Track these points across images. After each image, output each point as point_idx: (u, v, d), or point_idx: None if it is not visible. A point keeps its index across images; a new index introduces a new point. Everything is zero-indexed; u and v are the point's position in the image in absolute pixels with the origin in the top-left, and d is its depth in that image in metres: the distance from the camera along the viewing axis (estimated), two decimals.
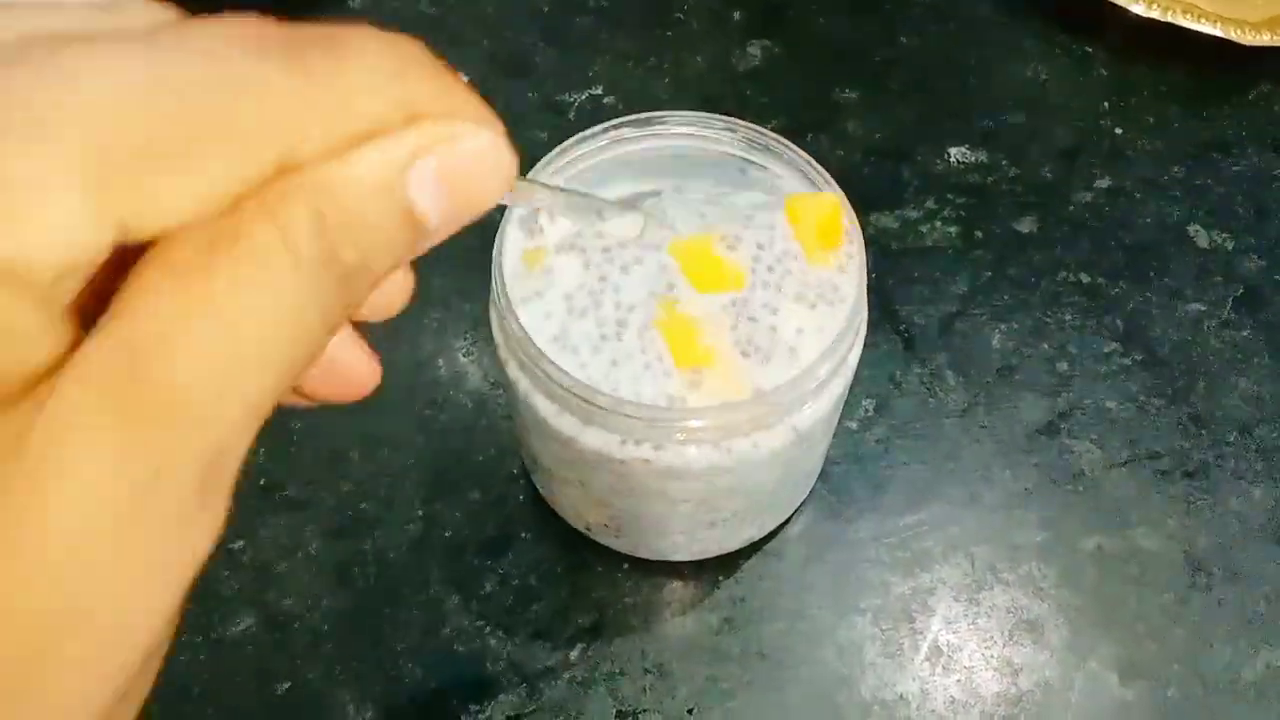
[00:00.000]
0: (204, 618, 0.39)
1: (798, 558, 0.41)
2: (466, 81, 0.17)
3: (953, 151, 0.51)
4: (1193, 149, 0.52)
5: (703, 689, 0.38)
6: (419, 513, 0.41)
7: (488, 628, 0.39)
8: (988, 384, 0.45)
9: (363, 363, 0.20)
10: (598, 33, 0.55)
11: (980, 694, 0.38)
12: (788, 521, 0.41)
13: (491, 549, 0.41)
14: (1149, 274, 0.48)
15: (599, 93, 0.52)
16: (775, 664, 0.39)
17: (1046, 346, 0.46)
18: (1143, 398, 0.45)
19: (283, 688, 0.38)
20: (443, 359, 0.45)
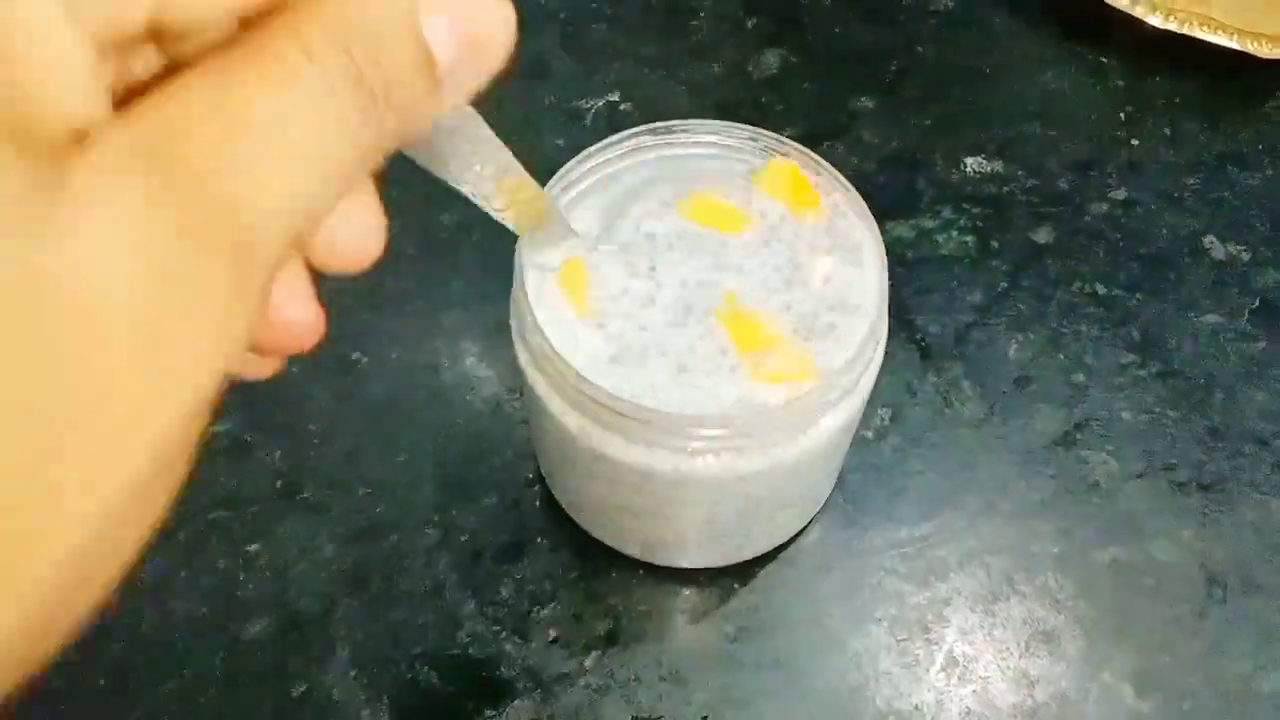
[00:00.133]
0: (220, 619, 0.39)
1: (813, 566, 0.41)
2: None
3: (968, 161, 0.51)
4: (1209, 161, 0.52)
5: (718, 697, 0.38)
6: (435, 517, 0.41)
7: (503, 633, 0.39)
8: (1004, 394, 0.45)
9: (309, 312, 0.20)
10: (614, 40, 0.55)
11: (996, 705, 0.38)
12: (803, 530, 0.41)
13: (507, 554, 0.41)
14: (1165, 286, 0.48)
15: (616, 99, 0.52)
16: (790, 673, 0.39)
17: (1062, 357, 0.46)
18: (1159, 409, 0.45)
19: (298, 690, 0.38)
20: (459, 363, 0.45)
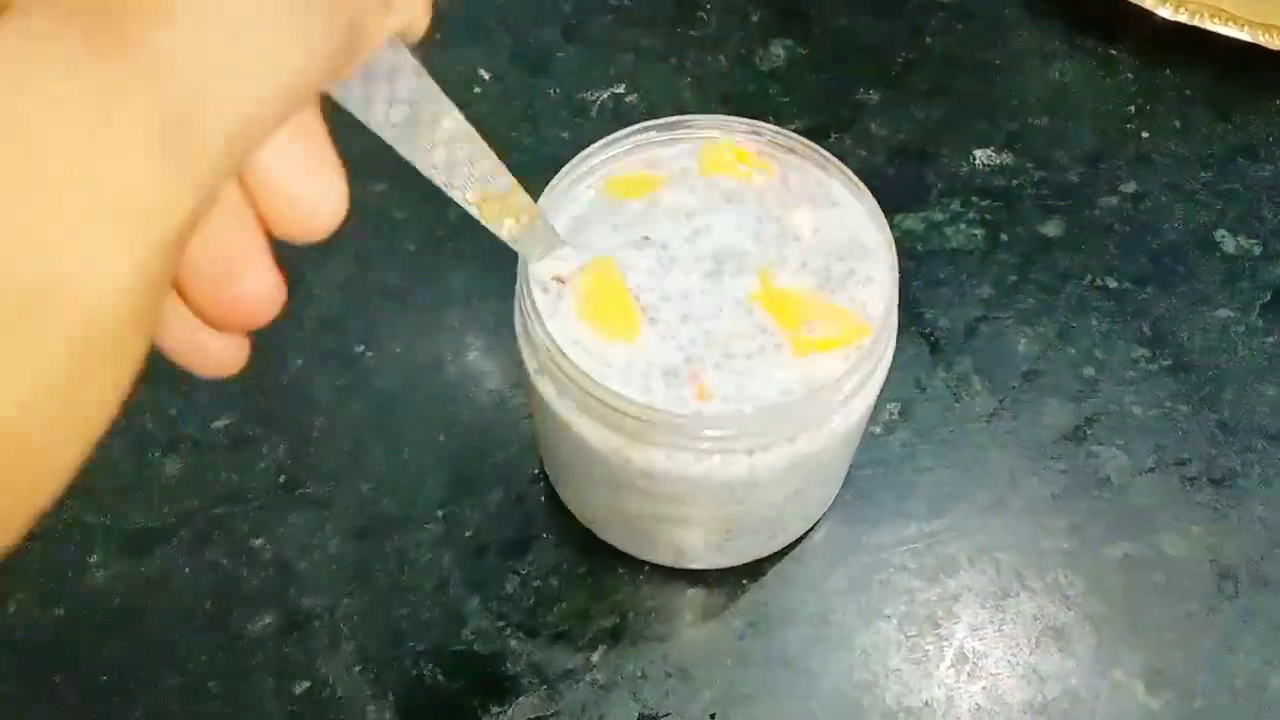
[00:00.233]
0: (222, 615, 0.39)
1: (822, 563, 0.40)
2: None
3: (977, 154, 0.51)
4: (1219, 153, 0.51)
5: (725, 694, 0.38)
6: (439, 512, 0.41)
7: (508, 629, 0.39)
8: (1013, 389, 0.44)
9: (265, 281, 0.19)
10: (620, 31, 0.54)
11: (1006, 702, 0.38)
12: (812, 526, 0.41)
13: (512, 550, 0.40)
14: (1176, 279, 0.47)
15: (621, 91, 0.52)
16: (799, 670, 0.38)
17: (1073, 351, 0.45)
18: (1170, 404, 0.44)
19: (301, 687, 0.38)
20: (463, 357, 0.44)
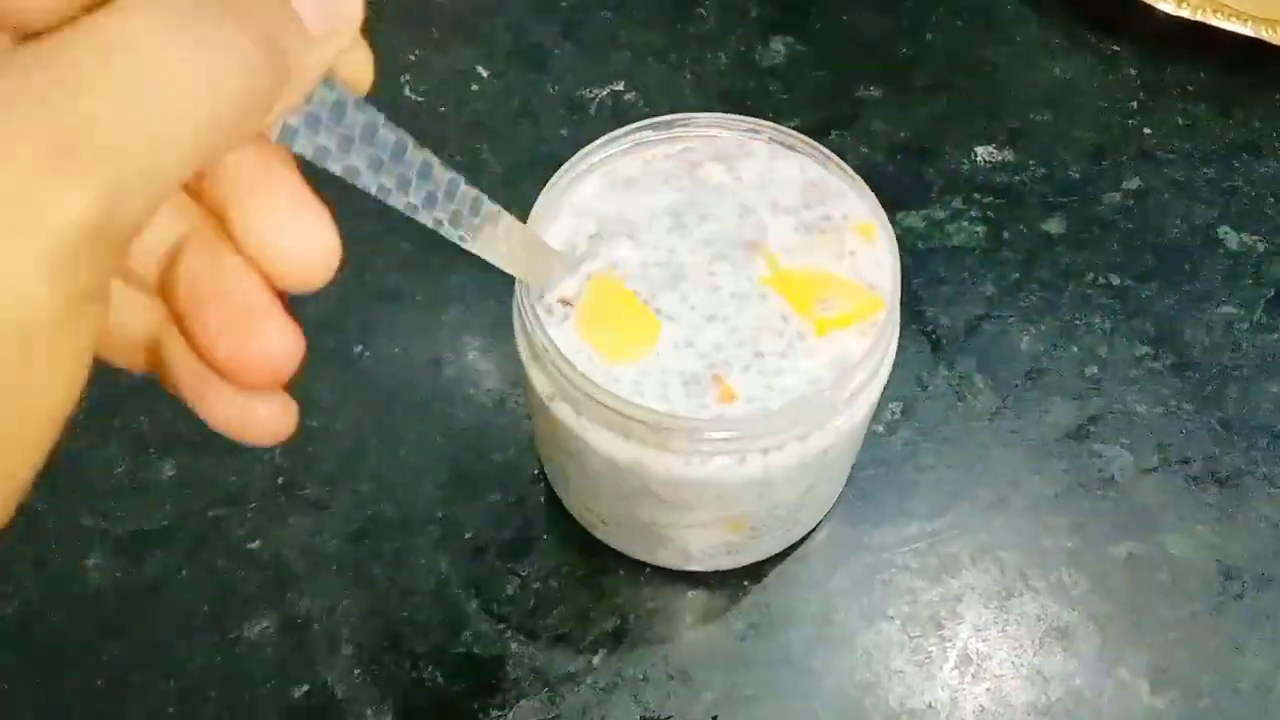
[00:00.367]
0: (220, 618, 0.38)
1: (824, 563, 0.40)
2: None
3: (979, 151, 0.50)
4: (1223, 150, 0.51)
5: (727, 696, 0.38)
6: (438, 514, 0.41)
7: (509, 631, 0.38)
8: (1016, 387, 0.44)
9: (285, 336, 0.19)
10: (618, 28, 0.54)
11: (1010, 703, 0.38)
12: (814, 526, 0.40)
13: (512, 551, 0.40)
14: (1179, 277, 0.47)
15: (620, 89, 0.52)
16: (801, 671, 0.38)
17: (1076, 349, 0.45)
18: (1173, 402, 0.44)
19: (300, 691, 0.37)
20: (462, 357, 0.44)
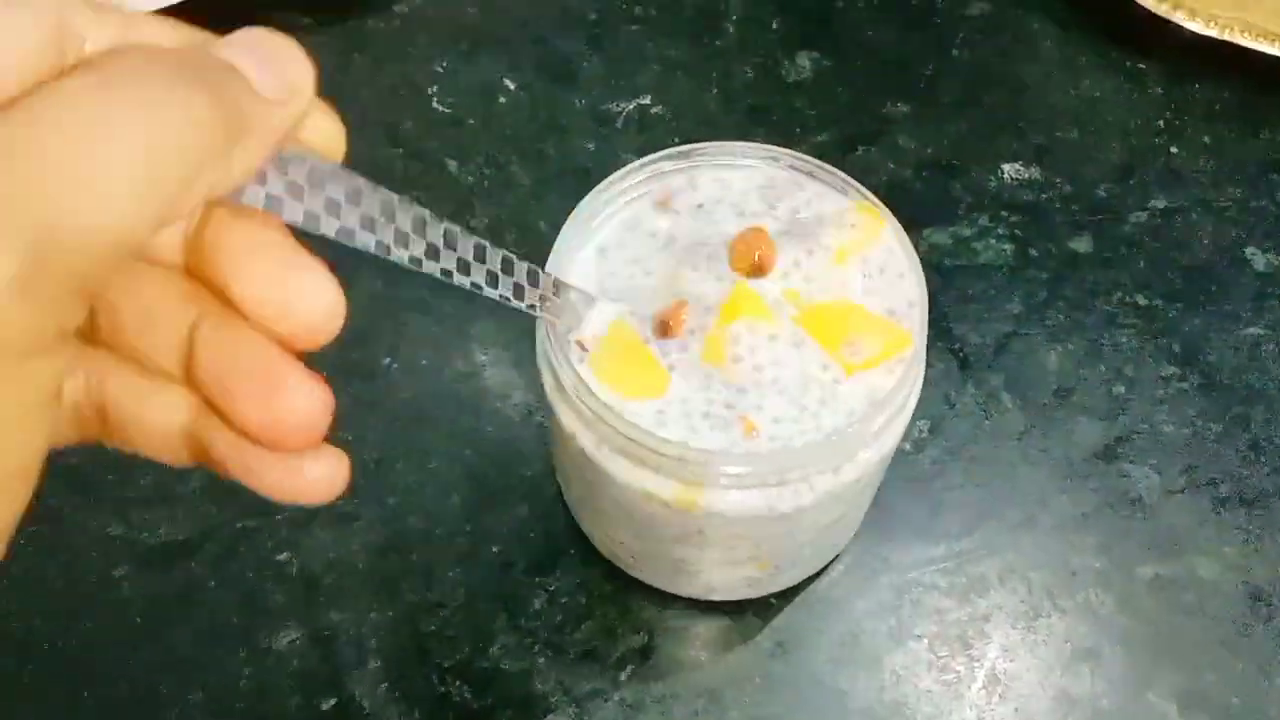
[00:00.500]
0: (248, 630, 0.38)
1: (851, 582, 0.40)
2: None
3: (1006, 168, 0.50)
4: (1250, 169, 0.51)
5: (754, 715, 0.37)
6: (466, 527, 0.41)
7: (536, 646, 0.38)
8: (1044, 406, 0.44)
9: (311, 396, 0.20)
10: (645, 42, 0.54)
11: None
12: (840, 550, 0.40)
13: (539, 566, 0.40)
14: (1206, 297, 0.47)
15: (647, 103, 0.52)
16: (828, 691, 0.38)
17: (1103, 369, 0.45)
18: (1200, 422, 0.44)
19: (328, 704, 0.37)
20: (489, 370, 0.44)
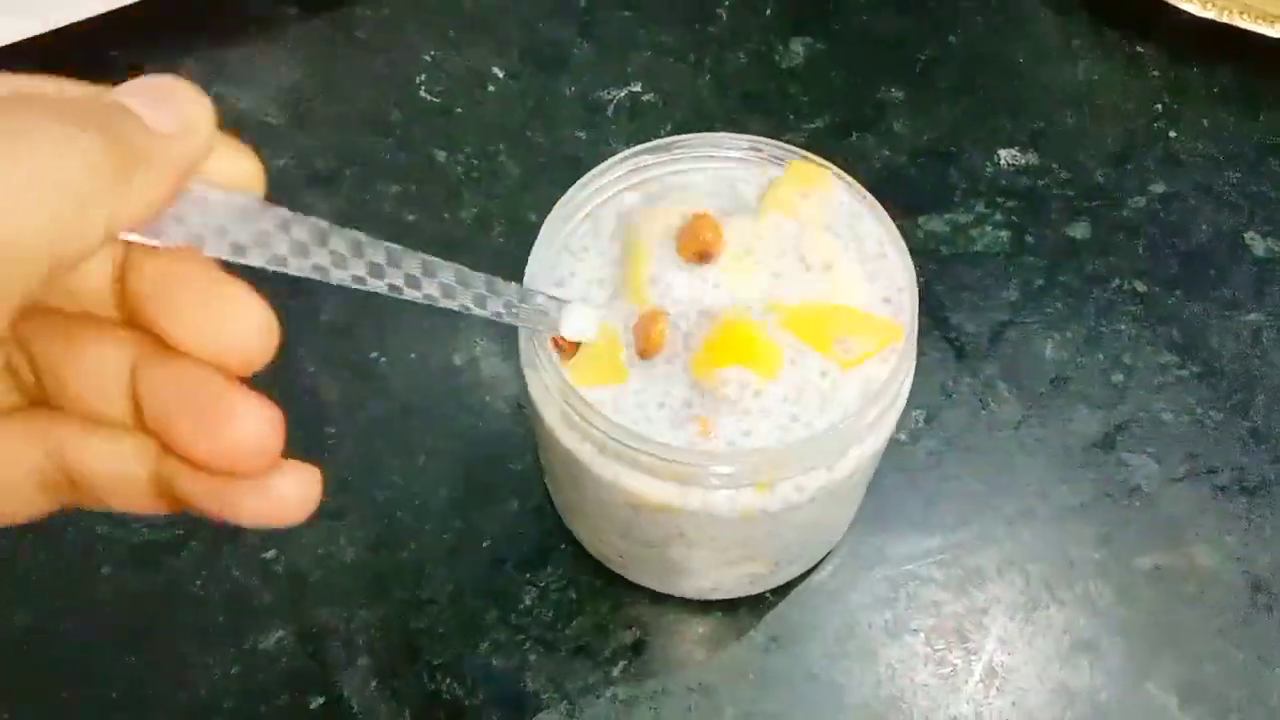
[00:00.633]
0: (236, 628, 0.38)
1: (847, 575, 0.39)
2: None
3: (1002, 153, 0.50)
4: (1249, 154, 0.50)
5: (748, 710, 0.37)
6: (455, 523, 0.40)
7: (527, 643, 0.38)
8: (1041, 395, 0.43)
9: (258, 422, 0.19)
10: (636, 28, 0.53)
11: (1036, 717, 0.37)
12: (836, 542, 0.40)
13: (530, 561, 0.39)
14: (1205, 283, 0.46)
15: (638, 90, 0.51)
16: (824, 685, 0.37)
17: (1101, 357, 0.44)
18: (1200, 410, 0.43)
19: (317, 702, 0.37)
20: (479, 364, 0.44)
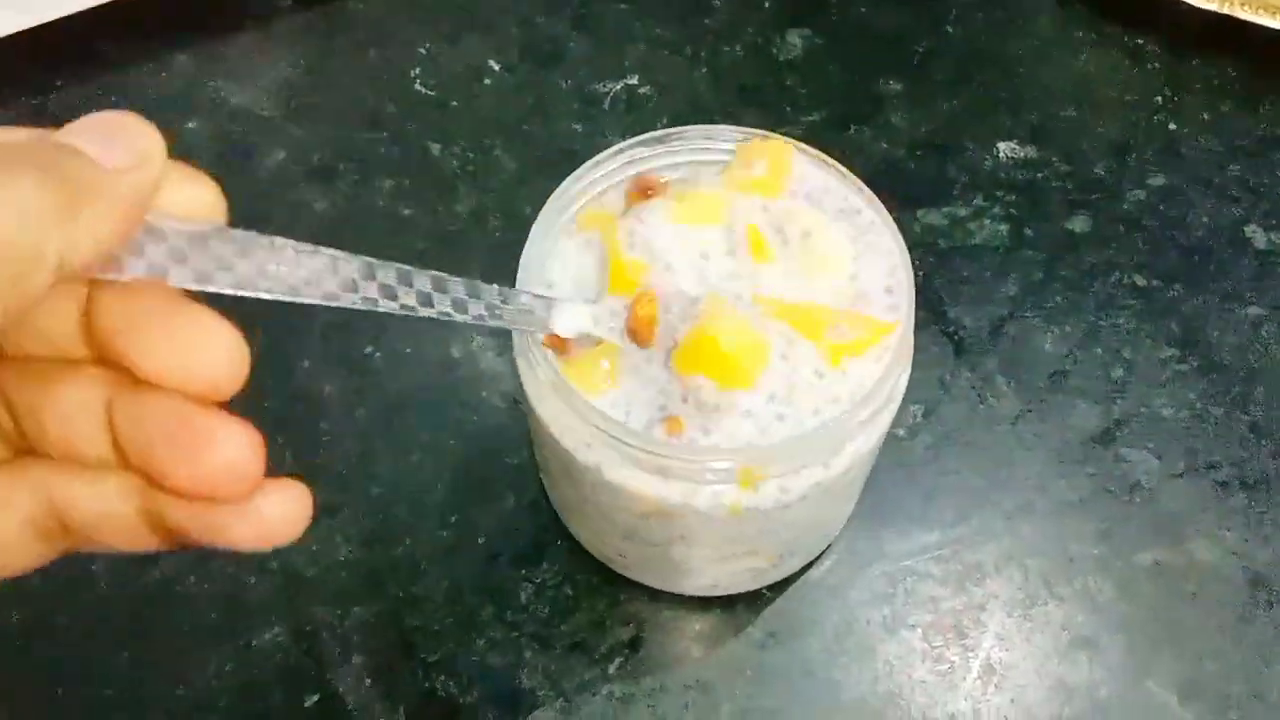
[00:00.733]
0: (230, 626, 0.38)
1: (844, 571, 0.39)
2: None
3: (1001, 147, 0.49)
4: (1250, 146, 0.50)
5: (746, 706, 0.37)
6: (451, 519, 0.40)
7: (523, 639, 0.38)
8: (1040, 390, 0.43)
9: (238, 446, 0.19)
10: (632, 21, 0.53)
11: (1034, 714, 0.37)
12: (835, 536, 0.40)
13: (526, 557, 0.39)
14: (1206, 277, 0.46)
15: (634, 83, 0.51)
16: (821, 681, 0.37)
17: (1100, 351, 0.44)
18: (1200, 405, 0.43)
19: (311, 700, 0.37)
20: (474, 358, 0.43)
